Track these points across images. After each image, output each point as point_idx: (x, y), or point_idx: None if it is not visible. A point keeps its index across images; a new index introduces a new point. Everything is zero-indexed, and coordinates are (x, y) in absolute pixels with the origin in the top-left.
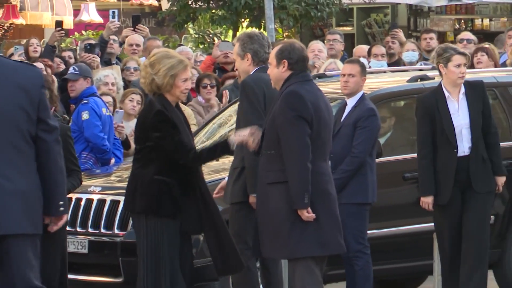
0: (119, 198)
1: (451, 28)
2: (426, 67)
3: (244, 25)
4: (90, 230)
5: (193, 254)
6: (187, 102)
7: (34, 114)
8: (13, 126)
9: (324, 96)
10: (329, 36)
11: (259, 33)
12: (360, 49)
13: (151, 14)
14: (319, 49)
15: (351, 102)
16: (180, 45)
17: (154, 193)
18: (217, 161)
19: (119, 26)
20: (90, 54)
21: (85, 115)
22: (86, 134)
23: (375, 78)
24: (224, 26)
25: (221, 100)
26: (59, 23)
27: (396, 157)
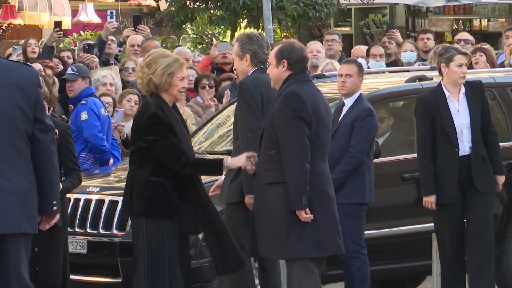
0: (117, 198)
1: (449, 28)
2: (424, 67)
3: (242, 25)
4: (88, 230)
5: (192, 254)
6: (186, 102)
7: (31, 114)
8: (13, 126)
9: (323, 96)
10: (327, 37)
11: (258, 34)
12: (358, 49)
13: (149, 15)
14: (317, 49)
15: (348, 102)
16: (178, 46)
17: (150, 195)
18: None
19: (117, 26)
20: (88, 54)
21: (84, 116)
22: (85, 135)
23: (373, 78)
24: (222, 27)
25: (220, 100)
26: (58, 23)
27: (394, 158)
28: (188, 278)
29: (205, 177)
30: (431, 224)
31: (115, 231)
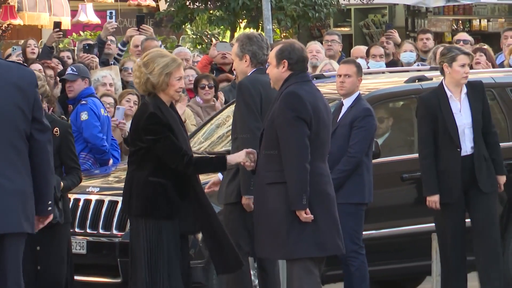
0: (117, 198)
1: (448, 28)
2: (424, 67)
3: (242, 26)
4: (88, 230)
5: (192, 255)
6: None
7: (30, 114)
8: (12, 126)
9: (323, 96)
10: (327, 37)
11: (258, 34)
12: (357, 49)
13: (148, 15)
14: (317, 49)
15: (347, 103)
16: (178, 46)
17: (149, 195)
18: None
19: (116, 26)
20: (88, 54)
21: (84, 116)
22: (85, 135)
23: (373, 78)
24: (222, 27)
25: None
26: (58, 24)
27: (394, 158)
28: (188, 279)
29: (203, 178)
30: (431, 224)
31: (114, 231)
